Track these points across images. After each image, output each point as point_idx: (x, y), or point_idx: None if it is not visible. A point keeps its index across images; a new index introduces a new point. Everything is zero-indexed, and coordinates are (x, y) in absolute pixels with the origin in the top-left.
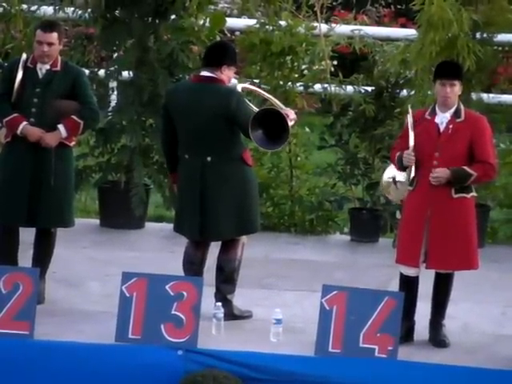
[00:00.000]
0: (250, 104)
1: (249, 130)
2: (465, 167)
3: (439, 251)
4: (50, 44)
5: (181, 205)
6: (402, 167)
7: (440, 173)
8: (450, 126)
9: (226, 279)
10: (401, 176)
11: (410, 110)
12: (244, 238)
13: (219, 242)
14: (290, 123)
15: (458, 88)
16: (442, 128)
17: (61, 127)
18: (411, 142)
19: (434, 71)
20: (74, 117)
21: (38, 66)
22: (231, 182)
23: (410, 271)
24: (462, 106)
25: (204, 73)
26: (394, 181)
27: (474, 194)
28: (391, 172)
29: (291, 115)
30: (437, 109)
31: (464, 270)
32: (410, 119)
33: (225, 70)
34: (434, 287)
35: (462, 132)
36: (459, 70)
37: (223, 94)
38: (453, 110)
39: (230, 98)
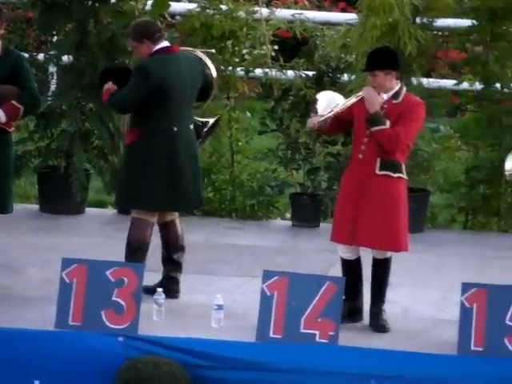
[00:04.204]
0: None
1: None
2: (386, 119)
3: (363, 228)
4: None
5: (158, 178)
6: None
7: (375, 95)
8: (385, 106)
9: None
10: (324, 105)
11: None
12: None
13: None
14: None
15: (381, 77)
16: None
17: (0, 112)
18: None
19: None
20: (13, 102)
21: None
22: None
23: (346, 254)
24: (403, 90)
25: (167, 43)
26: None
27: (402, 175)
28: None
29: None
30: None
31: (392, 252)
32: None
33: None
34: (372, 272)
35: (395, 112)
36: (381, 60)
37: (197, 60)
38: (391, 92)
39: (202, 63)
